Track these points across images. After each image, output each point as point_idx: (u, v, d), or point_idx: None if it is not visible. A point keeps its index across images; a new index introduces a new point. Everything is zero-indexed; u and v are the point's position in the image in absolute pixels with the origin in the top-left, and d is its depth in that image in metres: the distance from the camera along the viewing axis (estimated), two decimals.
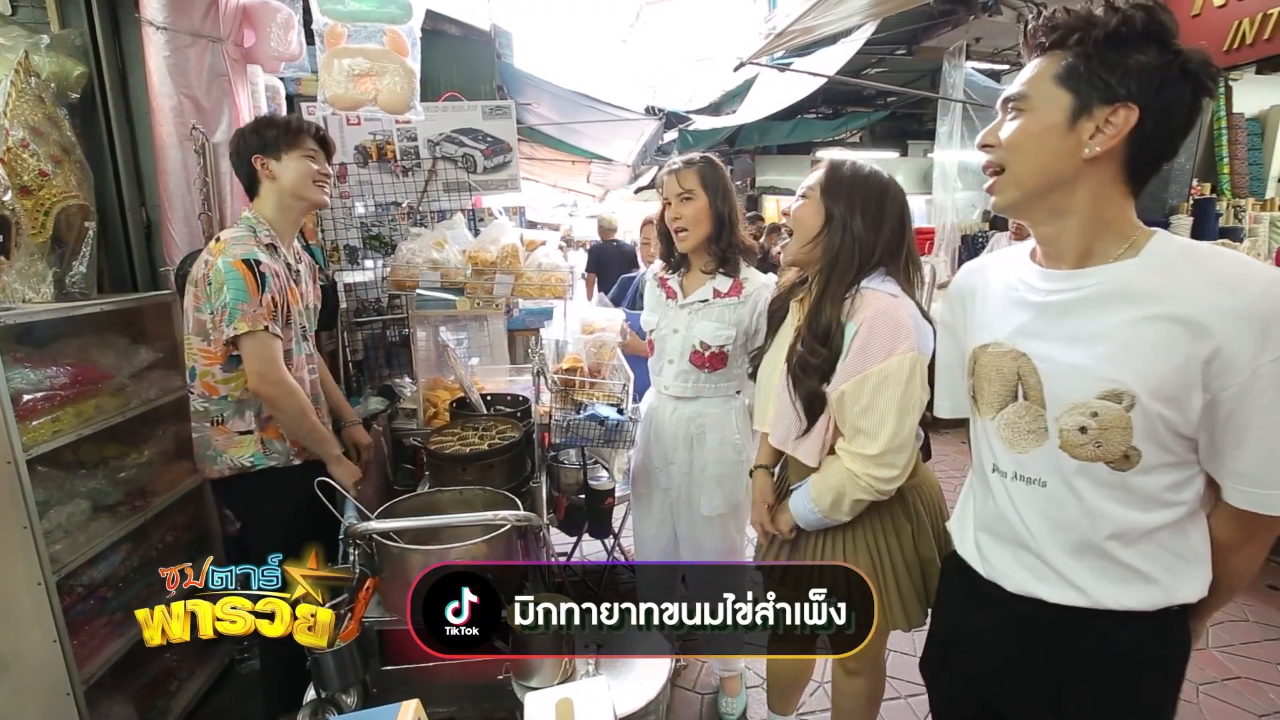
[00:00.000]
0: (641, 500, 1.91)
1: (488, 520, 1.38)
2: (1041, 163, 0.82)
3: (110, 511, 1.70)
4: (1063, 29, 0.80)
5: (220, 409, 1.55)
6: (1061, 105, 0.79)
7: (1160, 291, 0.77)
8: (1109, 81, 0.77)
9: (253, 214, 1.57)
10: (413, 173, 2.59)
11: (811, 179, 1.28)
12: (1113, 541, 0.83)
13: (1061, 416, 0.83)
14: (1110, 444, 0.80)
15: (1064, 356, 0.83)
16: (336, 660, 1.23)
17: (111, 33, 1.85)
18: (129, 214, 1.92)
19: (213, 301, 1.45)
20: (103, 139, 1.87)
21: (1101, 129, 0.78)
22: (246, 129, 1.60)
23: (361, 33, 2.06)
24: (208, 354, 1.51)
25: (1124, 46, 0.77)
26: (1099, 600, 0.85)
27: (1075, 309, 0.83)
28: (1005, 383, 0.89)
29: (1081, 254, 0.83)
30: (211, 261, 1.47)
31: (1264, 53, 4.02)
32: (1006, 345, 0.89)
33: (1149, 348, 0.77)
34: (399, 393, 2.48)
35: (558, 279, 2.26)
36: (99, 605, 1.66)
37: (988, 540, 0.96)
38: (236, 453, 1.57)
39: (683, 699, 2.09)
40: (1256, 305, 0.72)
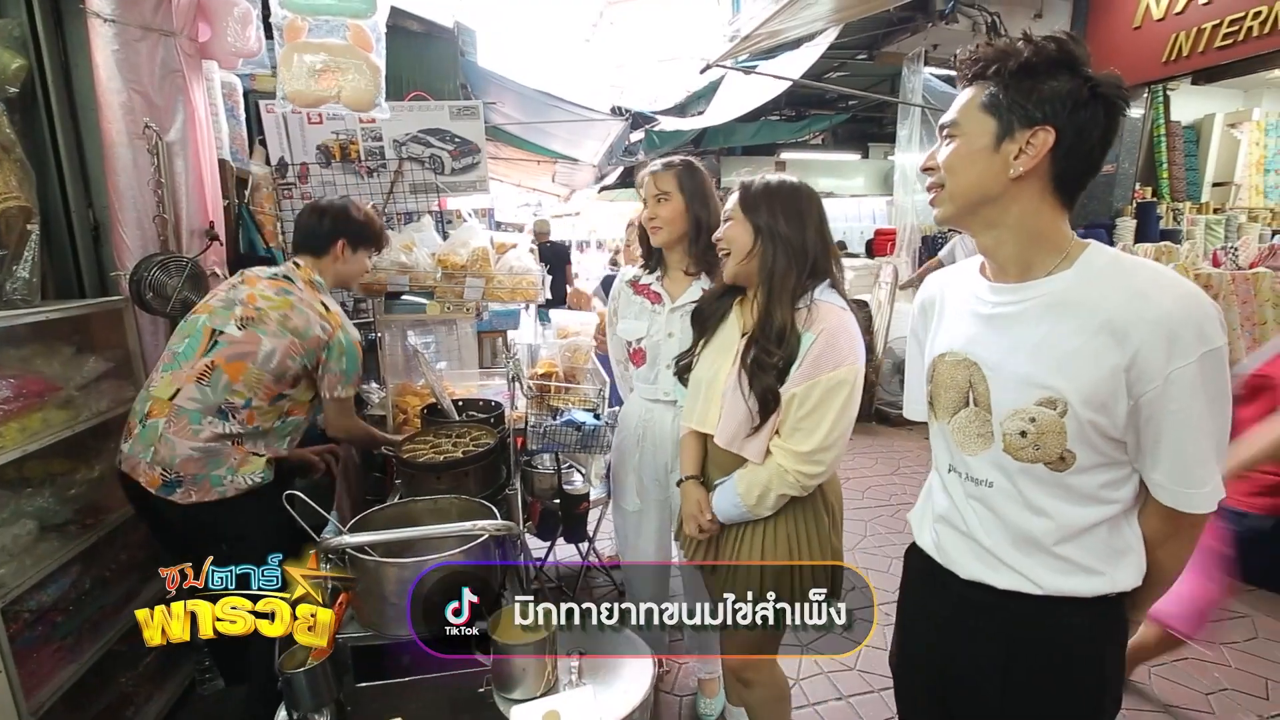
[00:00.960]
0: (634, 518, 1.84)
1: (465, 531, 1.35)
2: (972, 180, 0.89)
3: (59, 531, 1.61)
4: (983, 61, 0.87)
5: (249, 434, 1.61)
6: (987, 130, 0.87)
7: (1090, 302, 0.84)
8: (1026, 107, 0.84)
9: (322, 280, 1.77)
10: (378, 174, 2.53)
11: (730, 202, 1.35)
12: (1053, 537, 0.90)
13: (1004, 421, 0.90)
14: (1047, 447, 0.87)
15: (1006, 365, 0.90)
16: (309, 679, 1.20)
17: (53, 24, 1.75)
18: (74, 215, 1.81)
19: (327, 364, 1.67)
20: (45, 136, 1.76)
21: (1024, 150, 0.85)
22: (348, 212, 1.78)
23: (323, 27, 1.99)
24: (270, 392, 1.62)
25: (1039, 74, 0.83)
26: (1045, 587, 0.91)
27: (1017, 320, 0.90)
28: (958, 390, 0.97)
29: (1022, 266, 0.90)
30: (331, 331, 1.67)
31: (1199, 64, 4.25)
32: (960, 354, 0.96)
33: (1079, 357, 0.84)
34: (366, 399, 2.42)
35: (529, 282, 2.23)
36: (49, 630, 1.57)
37: (944, 531, 1.03)
38: (248, 470, 1.60)
39: (662, 701, 2.10)
40: (1168, 314, 0.79)
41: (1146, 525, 0.92)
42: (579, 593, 2.63)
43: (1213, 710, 2.03)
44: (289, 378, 1.64)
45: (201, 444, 1.53)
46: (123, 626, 1.75)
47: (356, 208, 1.82)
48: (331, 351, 1.67)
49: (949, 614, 1.04)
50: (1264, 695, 2.09)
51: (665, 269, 1.73)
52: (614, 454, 1.88)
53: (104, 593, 1.75)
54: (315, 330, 1.64)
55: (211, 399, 1.55)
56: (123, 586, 1.82)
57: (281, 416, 1.67)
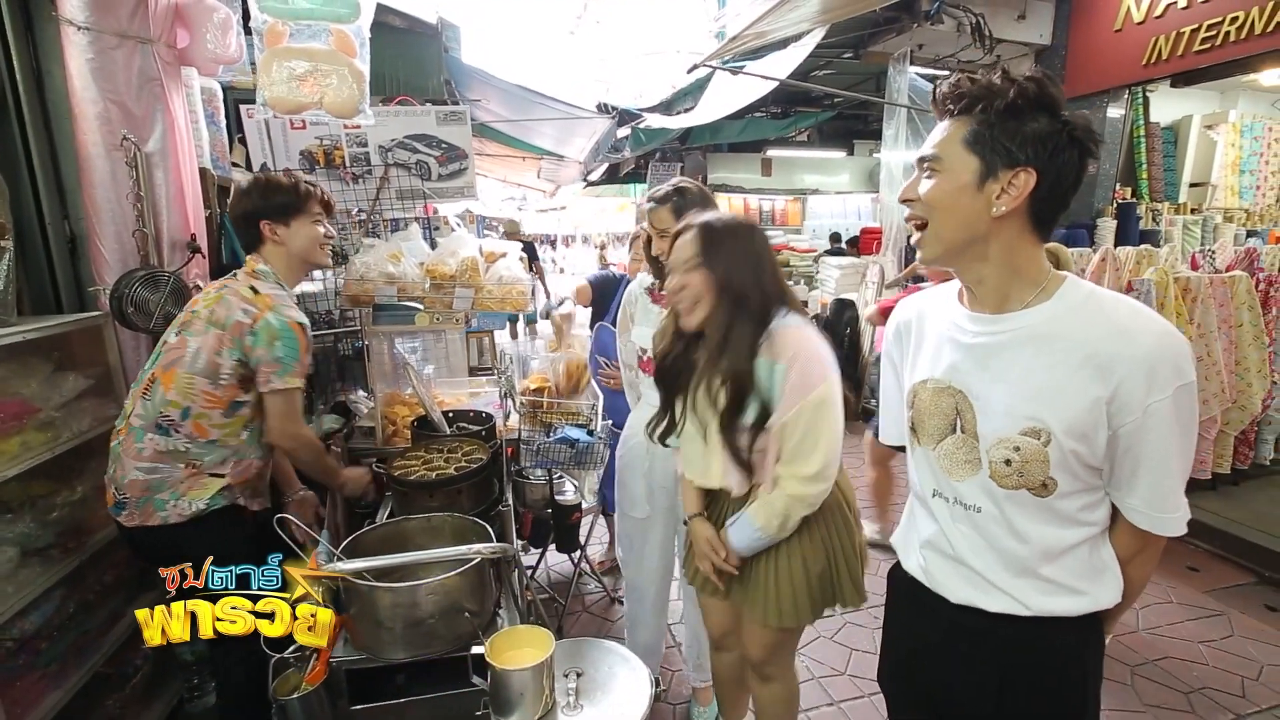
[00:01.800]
0: (640, 525, 1.86)
1: (460, 554, 1.34)
2: (958, 220, 0.90)
3: (41, 556, 1.57)
4: (968, 97, 0.87)
5: (204, 452, 1.52)
6: (970, 168, 0.87)
7: (1071, 336, 0.87)
8: (1010, 148, 0.85)
9: (269, 269, 1.61)
10: (364, 180, 2.49)
11: (687, 251, 1.32)
12: (1039, 558, 0.93)
13: (990, 450, 0.92)
14: (1030, 474, 0.90)
15: (991, 395, 0.92)
16: (304, 706, 1.19)
17: (24, 30, 1.69)
18: (50, 229, 1.76)
19: (254, 353, 1.49)
20: (17, 147, 1.70)
21: (1006, 190, 0.86)
22: (252, 192, 1.62)
23: (305, 32, 1.94)
24: (211, 398, 1.50)
25: (1021, 115, 0.85)
26: (1033, 608, 0.94)
27: (999, 351, 0.92)
28: (944, 416, 0.98)
29: (1000, 298, 0.92)
30: (257, 315, 1.50)
31: (1178, 68, 4.32)
32: (944, 382, 0.97)
33: (1062, 389, 0.86)
34: (355, 409, 2.39)
35: (519, 291, 2.22)
36: (33, 658, 1.53)
37: (932, 556, 1.04)
38: (196, 495, 1.51)
39: (657, 710, 2.11)
40: (1149, 351, 0.83)
41: (1119, 544, 0.96)
42: (570, 599, 2.63)
43: (1192, 709, 2.08)
44: (230, 378, 1.50)
45: (146, 464, 1.47)
46: (109, 649, 1.72)
47: (264, 181, 1.65)
48: (258, 336, 1.49)
49: (939, 638, 1.05)
50: (1241, 693, 2.15)
51: None
52: (621, 460, 1.88)
53: (88, 616, 1.71)
54: (236, 316, 1.50)
55: (150, 413, 1.48)
56: (108, 608, 1.78)
57: (247, 426, 1.56)
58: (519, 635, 1.27)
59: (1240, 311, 3.31)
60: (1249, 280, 3.33)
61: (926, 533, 1.04)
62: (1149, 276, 3.12)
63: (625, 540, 1.92)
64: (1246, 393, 3.34)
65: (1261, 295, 3.37)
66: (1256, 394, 3.33)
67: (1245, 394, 3.34)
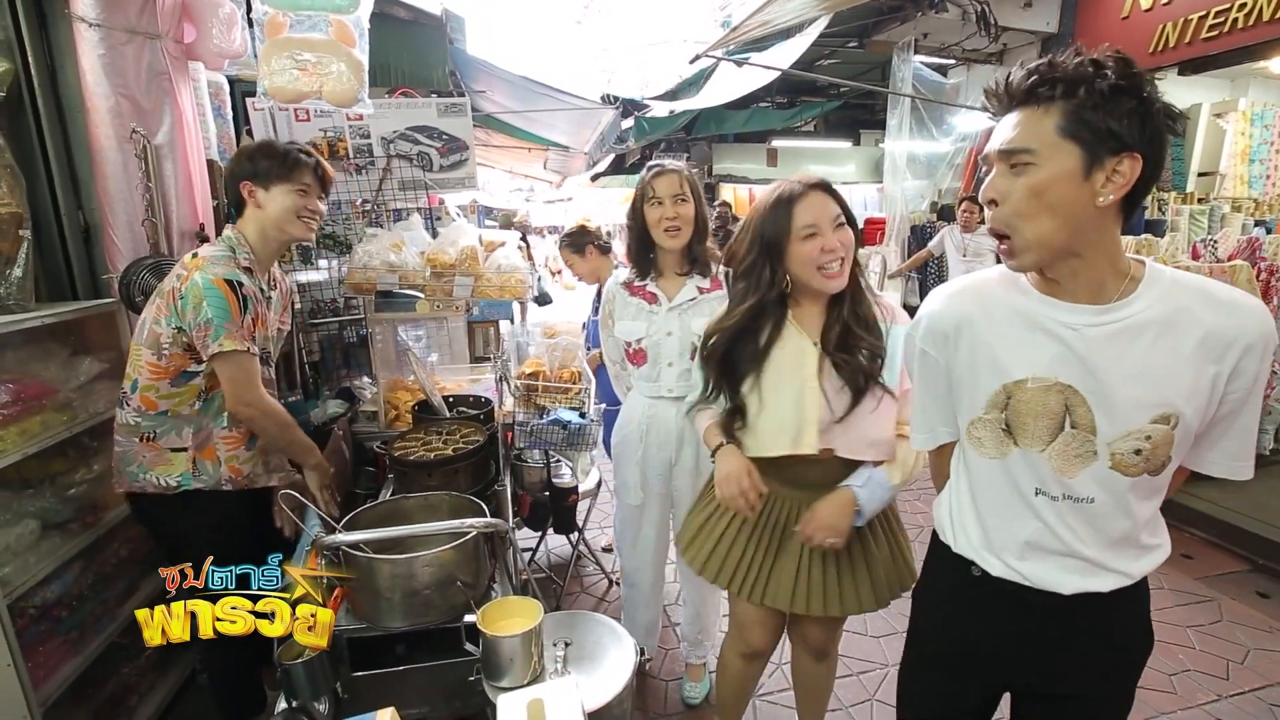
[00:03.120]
0: (636, 513, 1.90)
1: (454, 528, 1.40)
2: (1061, 215, 0.84)
3: (61, 529, 1.65)
4: (1063, 82, 0.81)
5: (154, 425, 1.52)
6: (1072, 158, 0.82)
7: (1178, 320, 0.86)
8: (1115, 132, 0.80)
9: (235, 234, 1.57)
10: (367, 170, 2.54)
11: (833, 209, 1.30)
12: (1141, 529, 0.96)
13: (1115, 442, 0.90)
14: (1156, 459, 0.90)
15: (1115, 388, 0.88)
16: (307, 670, 1.25)
17: (38, 27, 1.75)
18: (65, 219, 1.83)
19: (185, 317, 1.44)
20: (33, 141, 1.77)
21: (1111, 178, 0.81)
22: (243, 152, 1.59)
23: (305, 22, 1.97)
24: (156, 368, 1.49)
25: (1119, 98, 0.80)
26: (1135, 574, 0.98)
27: (1114, 341, 0.88)
28: (1053, 416, 0.93)
29: (1096, 289, 0.88)
30: (186, 276, 1.44)
31: (1185, 55, 4.28)
32: (1048, 379, 0.92)
33: (1185, 372, 0.86)
34: (358, 395, 2.46)
35: (517, 280, 2.27)
36: (54, 626, 1.62)
37: (1035, 555, 0.99)
38: (164, 471, 1.53)
39: (650, 685, 2.18)
40: (1261, 326, 0.86)
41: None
42: (569, 581, 2.70)
43: (1175, 690, 2.12)
44: (172, 347, 1.47)
45: (116, 436, 1.54)
46: (124, 620, 1.81)
47: (257, 145, 1.62)
48: (186, 299, 1.42)
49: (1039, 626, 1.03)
50: (1225, 676, 2.18)
51: (659, 271, 1.77)
52: (616, 449, 1.93)
53: (105, 588, 1.80)
54: (171, 283, 1.47)
55: (130, 390, 1.52)
56: (123, 581, 1.87)
57: (201, 396, 1.53)
58: (510, 605, 1.33)
59: None
60: (1249, 270, 3.32)
61: (1027, 534, 0.99)
62: None
63: (621, 526, 1.98)
64: None
65: (1263, 285, 3.35)
66: None
67: None
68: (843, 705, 2.08)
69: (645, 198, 1.69)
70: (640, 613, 2.05)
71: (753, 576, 1.43)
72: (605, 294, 1.88)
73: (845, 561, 1.40)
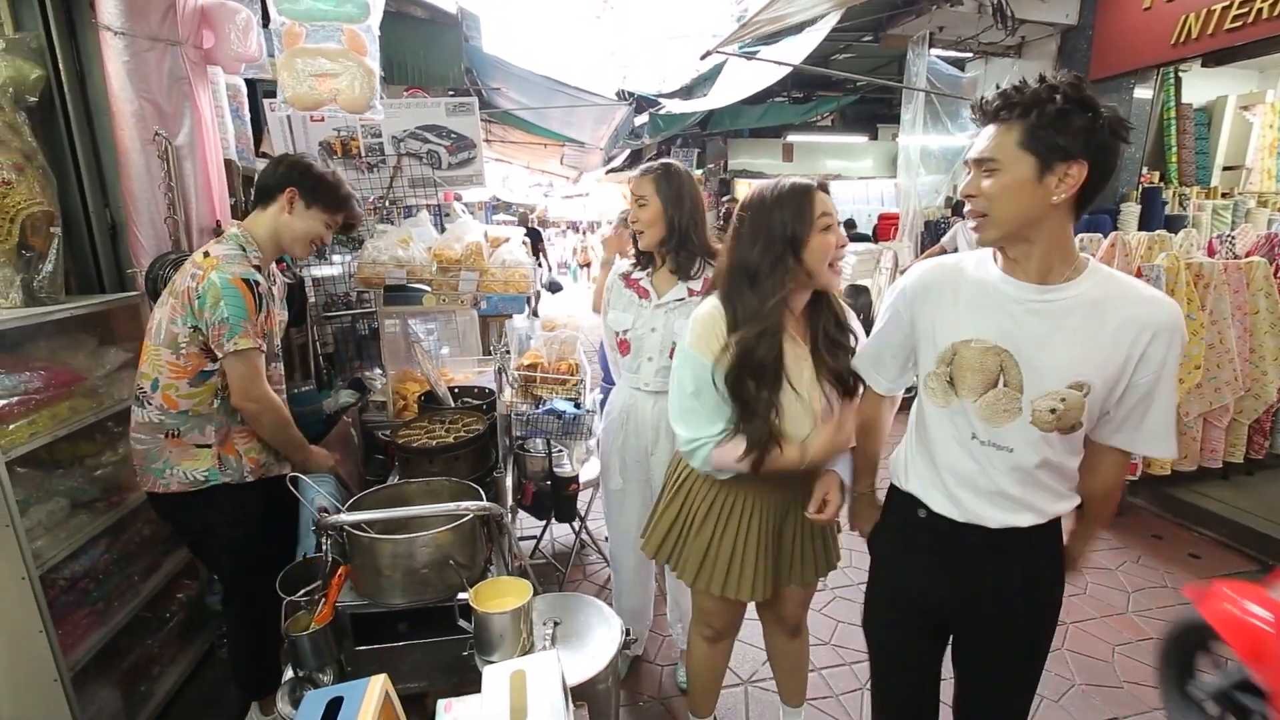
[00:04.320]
0: (617, 496, 1.98)
1: (452, 511, 1.47)
2: (1019, 209, 1.04)
3: (88, 508, 1.76)
4: (1020, 105, 1.01)
5: (178, 423, 1.55)
6: (1028, 165, 1.01)
7: (1106, 306, 1.05)
8: (1063, 144, 0.99)
9: (243, 232, 1.60)
10: (378, 169, 2.63)
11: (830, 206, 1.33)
12: (1056, 478, 1.15)
13: (1036, 400, 1.08)
14: (1067, 419, 1.08)
15: (1041, 354, 1.07)
16: (312, 642, 1.33)
17: (68, 36, 1.86)
18: (93, 217, 1.94)
19: (202, 316, 1.47)
20: (63, 143, 1.88)
21: (1062, 181, 1.00)
22: (309, 167, 1.64)
23: (320, 32, 2.06)
24: (175, 368, 1.52)
25: (1069, 115, 0.98)
26: (1049, 513, 1.16)
27: (1051, 316, 1.07)
28: (988, 373, 1.11)
29: (1044, 271, 1.07)
30: (201, 276, 1.48)
31: (1208, 46, 4.18)
32: (990, 341, 1.11)
33: (1105, 349, 1.04)
34: (369, 385, 2.55)
35: (521, 274, 2.33)
36: (82, 597, 1.73)
37: (965, 493, 1.17)
38: (191, 465, 1.57)
39: (645, 670, 2.24)
40: (1169, 319, 1.04)
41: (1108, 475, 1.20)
42: (571, 569, 2.77)
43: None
44: (189, 346, 1.50)
45: (136, 435, 1.57)
46: (147, 594, 1.92)
47: (322, 164, 1.68)
48: (204, 298, 1.46)
49: (971, 560, 1.21)
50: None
51: (655, 267, 1.83)
52: (601, 436, 2.00)
53: (129, 564, 1.91)
54: (186, 282, 1.50)
55: (136, 387, 1.56)
56: (145, 559, 1.98)
57: (218, 394, 1.57)
58: (502, 585, 1.39)
59: (1257, 298, 3.25)
60: (1267, 266, 3.26)
61: (962, 473, 1.17)
62: (1159, 262, 3.09)
63: (606, 510, 2.05)
64: (1261, 381, 3.28)
65: None
66: (1272, 382, 3.27)
67: (1260, 382, 3.29)
68: (834, 693, 2.12)
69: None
70: (626, 596, 2.11)
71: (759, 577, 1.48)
72: (606, 283, 1.94)
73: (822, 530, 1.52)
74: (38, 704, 1.56)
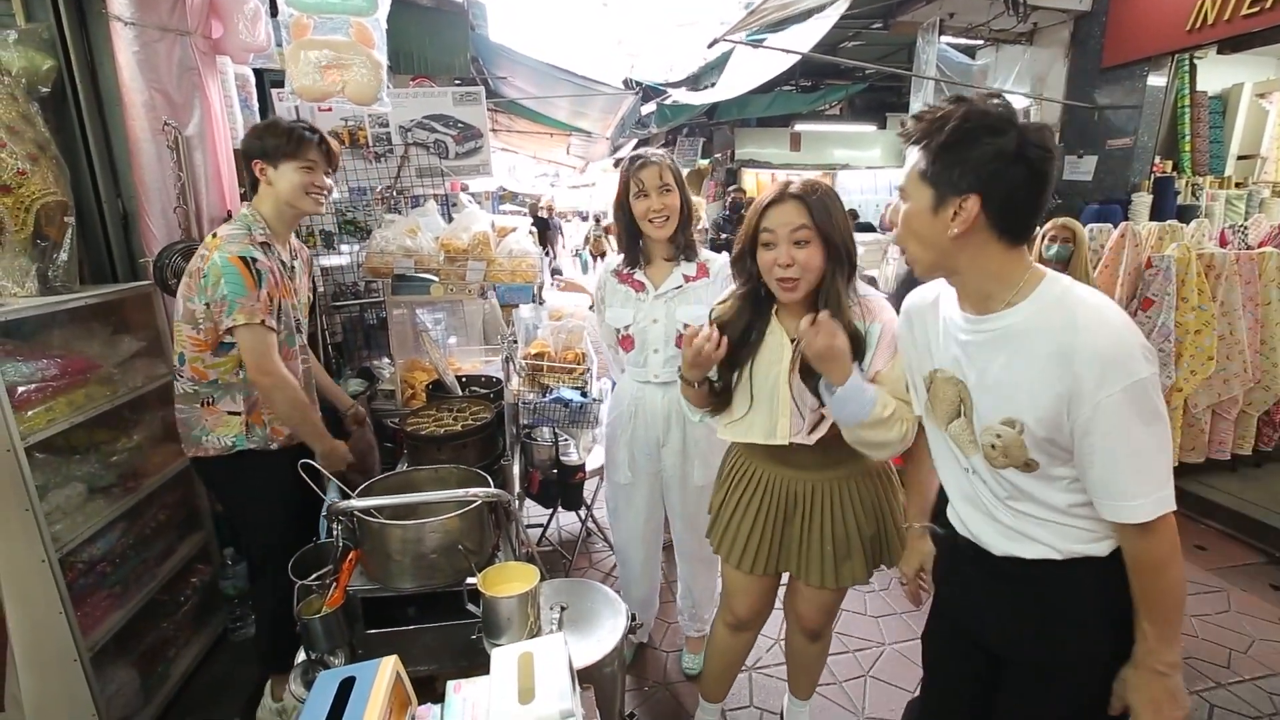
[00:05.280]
0: (625, 491, 1.98)
1: (460, 497, 1.50)
2: (924, 241, 1.00)
3: (105, 493, 1.79)
4: (915, 134, 0.96)
5: (210, 391, 1.66)
6: (925, 197, 0.96)
7: (1040, 335, 0.93)
8: (952, 178, 0.92)
9: (250, 211, 1.67)
10: (385, 158, 2.64)
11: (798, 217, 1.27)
12: (1049, 513, 1.01)
13: (981, 434, 1.03)
14: (1013, 456, 0.99)
15: (979, 388, 1.02)
16: (324, 625, 1.35)
17: (79, 26, 1.87)
18: (106, 206, 1.97)
19: (207, 294, 1.55)
20: (75, 133, 1.90)
21: (958, 213, 0.93)
22: (252, 132, 1.68)
23: (327, 24, 2.07)
24: (197, 341, 1.61)
25: (964, 145, 0.91)
26: (1063, 550, 1.02)
27: (980, 350, 1.01)
28: (950, 403, 1.08)
29: (982, 300, 1.00)
30: (207, 256, 1.56)
31: (1225, 33, 4.11)
32: (949, 372, 1.08)
33: (1032, 384, 0.94)
34: (378, 374, 2.58)
35: (528, 264, 2.34)
36: (99, 579, 1.77)
37: (970, 513, 1.13)
38: (223, 432, 1.67)
39: (651, 657, 2.27)
40: (1100, 349, 0.87)
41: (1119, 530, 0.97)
42: (577, 556, 2.80)
43: None
44: (205, 320, 1.59)
45: (178, 406, 1.67)
46: (163, 578, 1.96)
47: (264, 123, 1.72)
48: (207, 277, 1.55)
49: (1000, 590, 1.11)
50: (1225, 664, 2.18)
51: (647, 259, 1.82)
52: (607, 430, 2.01)
53: (145, 548, 1.95)
54: (195, 263, 1.60)
55: (180, 363, 1.66)
56: (161, 543, 2.02)
57: (240, 366, 1.64)
58: (510, 570, 1.41)
59: (1269, 289, 3.22)
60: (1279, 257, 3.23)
61: (964, 491, 1.13)
62: (1170, 253, 3.06)
63: (611, 505, 2.06)
64: (1272, 373, 3.26)
65: None
66: None
67: (1271, 374, 3.26)
68: (837, 680, 2.14)
69: (630, 190, 1.73)
70: (634, 586, 2.13)
71: (753, 548, 1.51)
72: (598, 280, 1.93)
73: (843, 539, 1.47)
74: (58, 683, 1.60)
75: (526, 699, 1.01)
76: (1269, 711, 1.99)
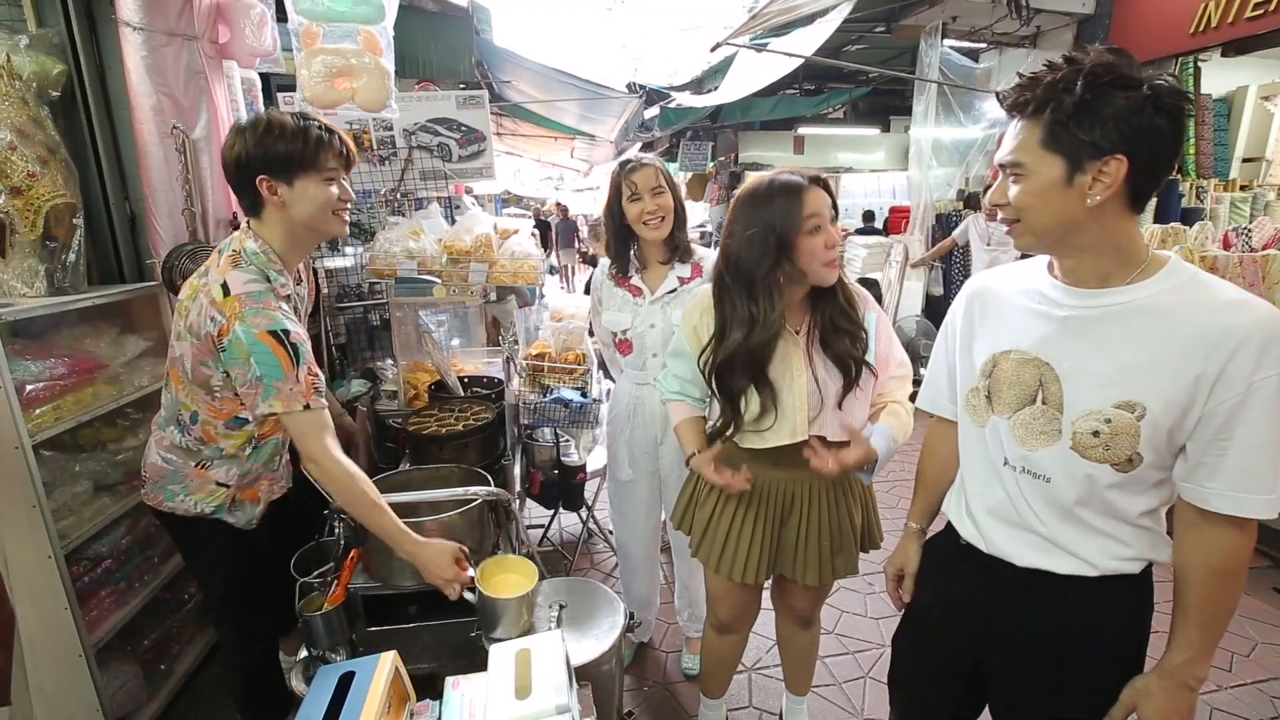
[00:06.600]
0: (626, 488, 1.99)
1: (460, 496, 1.51)
2: (1052, 215, 0.89)
3: (110, 491, 1.82)
4: (1034, 101, 0.87)
5: (212, 456, 1.43)
6: (1055, 168, 0.87)
7: (1178, 311, 0.85)
8: (1092, 140, 0.83)
9: (259, 247, 1.30)
10: (389, 161, 2.66)
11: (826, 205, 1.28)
12: (1109, 522, 0.95)
13: (1077, 420, 0.92)
14: (1118, 448, 0.90)
15: (1085, 367, 0.91)
16: (325, 622, 1.37)
17: (89, 31, 1.90)
18: (114, 208, 2.00)
19: (234, 371, 1.26)
20: (85, 136, 1.93)
21: (1098, 179, 0.84)
22: (247, 134, 1.25)
23: (336, 32, 2.09)
24: (211, 408, 1.37)
25: (1097, 103, 0.82)
26: (1099, 567, 0.96)
27: (1099, 324, 0.91)
28: (1025, 387, 0.98)
29: (1101, 276, 0.91)
30: (225, 327, 1.22)
31: (1229, 35, 4.11)
32: (1030, 353, 0.98)
33: (1164, 364, 0.85)
34: (381, 375, 2.60)
35: (530, 266, 2.36)
36: (105, 576, 1.79)
37: (992, 523, 1.06)
38: (204, 498, 1.44)
39: (651, 657, 2.27)
40: (1262, 327, 0.81)
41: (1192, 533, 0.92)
42: (578, 557, 2.81)
43: None
44: (224, 390, 1.32)
45: (165, 452, 1.43)
46: (166, 575, 1.98)
47: (265, 122, 1.27)
48: (231, 353, 1.23)
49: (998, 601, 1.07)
50: (1227, 668, 2.18)
51: (643, 262, 1.83)
52: (608, 429, 2.02)
53: (149, 546, 1.97)
54: (206, 326, 1.25)
55: (171, 407, 1.41)
56: (165, 541, 2.03)
57: (252, 443, 1.44)
58: (508, 562, 1.42)
59: (1273, 292, 3.20)
60: None
61: (991, 502, 1.05)
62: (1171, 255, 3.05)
63: (614, 502, 2.07)
64: None
65: None
66: None
67: None
68: (836, 681, 2.14)
69: (624, 194, 1.72)
70: (634, 584, 2.15)
71: (752, 558, 1.48)
72: (594, 281, 1.94)
73: (836, 533, 1.48)
74: (63, 678, 1.62)
75: (523, 694, 1.03)
76: (1270, 715, 1.98)
